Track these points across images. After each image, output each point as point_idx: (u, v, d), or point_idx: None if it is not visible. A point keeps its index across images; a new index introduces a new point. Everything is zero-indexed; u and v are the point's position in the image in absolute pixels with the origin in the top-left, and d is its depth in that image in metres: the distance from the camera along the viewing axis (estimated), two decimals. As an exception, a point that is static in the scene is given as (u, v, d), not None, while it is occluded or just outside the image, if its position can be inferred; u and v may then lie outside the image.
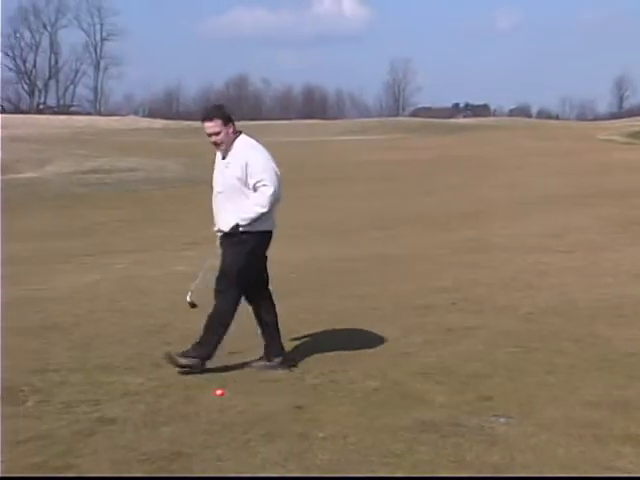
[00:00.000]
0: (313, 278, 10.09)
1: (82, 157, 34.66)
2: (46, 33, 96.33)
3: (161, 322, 7.58)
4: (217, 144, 6.17)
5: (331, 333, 7.33)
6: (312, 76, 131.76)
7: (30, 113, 78.90)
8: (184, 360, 6.11)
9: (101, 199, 23.21)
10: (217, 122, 6.12)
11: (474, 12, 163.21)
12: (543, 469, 4.47)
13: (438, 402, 5.51)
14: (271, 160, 6.19)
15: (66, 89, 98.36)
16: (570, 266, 10.77)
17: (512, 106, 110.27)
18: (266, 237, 6.29)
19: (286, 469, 4.49)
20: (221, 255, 6.27)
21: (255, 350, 6.69)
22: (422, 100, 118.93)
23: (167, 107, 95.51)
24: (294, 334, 7.26)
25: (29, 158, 34.29)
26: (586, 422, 5.12)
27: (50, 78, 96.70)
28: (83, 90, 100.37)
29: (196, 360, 6.16)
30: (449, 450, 4.70)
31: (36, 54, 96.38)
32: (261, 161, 6.13)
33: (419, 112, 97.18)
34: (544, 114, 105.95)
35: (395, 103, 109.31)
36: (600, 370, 6.21)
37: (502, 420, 5.15)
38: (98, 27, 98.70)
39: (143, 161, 33.22)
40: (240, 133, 6.25)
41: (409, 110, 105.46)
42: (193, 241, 13.12)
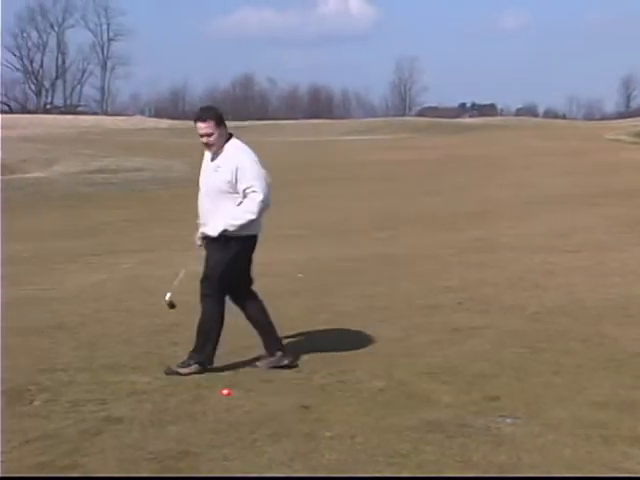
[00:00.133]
0: (318, 278, 10.09)
1: (88, 157, 34.73)
2: (53, 33, 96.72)
3: (168, 322, 7.58)
4: (209, 145, 6.15)
5: (337, 333, 7.32)
6: (318, 76, 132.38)
7: (37, 113, 79.11)
8: (185, 370, 6.13)
9: (107, 199, 23.25)
10: (210, 123, 6.10)
11: (481, 11, 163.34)
12: (550, 469, 4.47)
13: (444, 402, 5.51)
14: (261, 166, 6.18)
15: (73, 89, 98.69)
16: (577, 266, 10.75)
17: (519, 106, 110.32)
18: (251, 241, 6.30)
19: (292, 469, 4.49)
20: (205, 258, 6.27)
21: (262, 349, 6.70)
22: (428, 100, 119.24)
23: (173, 107, 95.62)
24: (299, 334, 7.27)
25: (36, 158, 34.38)
26: (593, 422, 5.11)
27: (57, 78, 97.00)
28: (90, 90, 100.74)
29: (196, 366, 6.17)
30: (455, 450, 4.70)
31: (43, 54, 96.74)
32: (252, 167, 6.11)
33: (425, 112, 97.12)
34: (551, 114, 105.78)
35: (401, 103, 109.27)
36: (607, 370, 6.20)
37: (509, 420, 5.15)
38: (105, 27, 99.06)
39: (149, 161, 33.27)
40: (231, 136, 6.23)
41: (415, 110, 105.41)
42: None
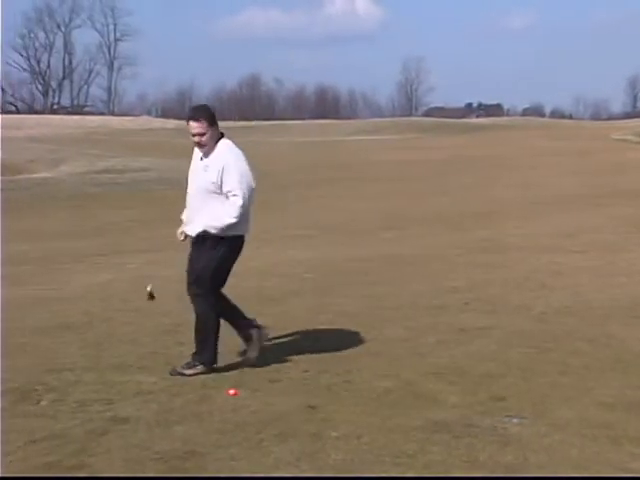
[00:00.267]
0: (325, 278, 10.08)
1: (95, 157, 34.80)
2: (60, 33, 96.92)
3: (174, 321, 7.59)
4: (201, 145, 6.15)
5: (343, 333, 7.32)
6: (325, 76, 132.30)
7: (44, 113, 79.31)
8: (190, 371, 6.14)
9: (114, 199, 23.28)
10: (203, 123, 6.09)
11: (487, 11, 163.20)
12: (557, 470, 4.46)
13: (451, 402, 5.50)
14: (248, 170, 6.17)
15: (80, 89, 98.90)
16: (584, 266, 10.73)
17: (525, 106, 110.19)
18: (239, 242, 6.31)
19: (299, 469, 4.49)
20: (192, 258, 6.28)
21: (269, 349, 6.71)
22: (435, 100, 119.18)
23: (180, 107, 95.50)
24: (305, 334, 7.28)
25: (43, 158, 34.45)
26: (600, 423, 5.10)
27: (64, 78, 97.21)
28: (97, 90, 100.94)
29: (201, 367, 6.18)
30: (462, 450, 4.69)
31: (50, 54, 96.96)
32: (236, 169, 6.09)
33: (432, 112, 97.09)
34: (558, 114, 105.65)
35: (408, 103, 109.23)
36: (614, 371, 6.18)
37: (515, 420, 5.14)
38: (112, 27, 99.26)
39: (156, 161, 33.31)
40: (222, 135, 6.23)
41: (422, 110, 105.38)
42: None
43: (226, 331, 6.56)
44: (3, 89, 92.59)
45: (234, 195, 6.05)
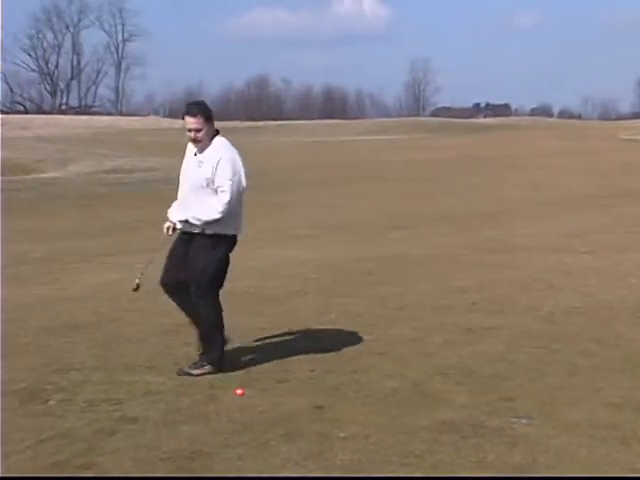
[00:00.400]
0: (330, 278, 10.07)
1: (103, 157, 34.86)
2: (68, 34, 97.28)
3: (181, 322, 7.57)
4: (197, 140, 6.12)
5: (350, 333, 7.31)
6: (332, 76, 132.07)
7: (52, 113, 79.51)
8: (197, 371, 6.14)
9: (122, 199, 23.30)
10: (200, 119, 6.08)
11: (495, 11, 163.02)
12: (565, 471, 4.45)
13: (458, 403, 5.50)
14: (241, 168, 6.16)
15: (88, 89, 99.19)
16: (592, 266, 10.70)
17: (533, 106, 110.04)
18: (233, 241, 6.33)
19: (306, 469, 4.49)
20: (177, 255, 6.24)
21: (276, 349, 6.72)
22: (442, 100, 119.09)
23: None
24: (311, 334, 7.28)
25: (51, 158, 34.53)
26: (609, 424, 5.09)
27: (72, 79, 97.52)
28: (105, 90, 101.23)
29: (209, 367, 6.18)
30: (470, 451, 4.69)
31: (59, 55, 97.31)
32: (231, 167, 6.09)
33: (439, 112, 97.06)
34: (566, 114, 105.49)
35: (415, 103, 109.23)
36: (623, 371, 6.17)
37: (523, 421, 5.13)
38: (120, 28, 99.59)
39: (164, 161, 33.32)
40: (217, 133, 6.23)
41: (429, 110, 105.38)
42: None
43: (230, 332, 6.57)
44: (12, 89, 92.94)
45: (222, 191, 6.05)
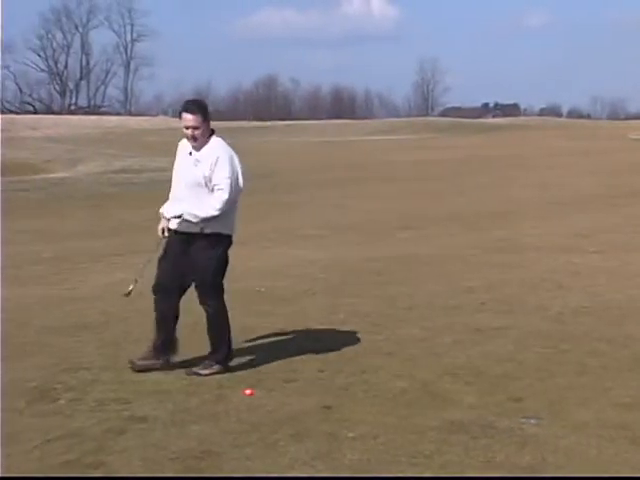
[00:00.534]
0: (338, 278, 10.07)
1: (112, 157, 34.94)
2: (78, 34, 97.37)
3: (191, 321, 7.60)
4: (194, 138, 6.10)
5: (358, 333, 7.30)
6: (341, 76, 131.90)
7: (61, 113, 79.67)
8: (206, 371, 6.15)
9: (131, 199, 23.33)
10: (198, 117, 6.07)
11: (503, 11, 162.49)
12: (575, 471, 4.44)
13: (467, 403, 5.49)
14: (239, 169, 6.14)
15: (97, 90, 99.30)
16: (601, 266, 10.68)
17: (542, 106, 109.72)
18: (230, 241, 6.30)
19: (315, 469, 4.49)
20: (175, 255, 6.21)
21: (284, 349, 6.72)
22: (451, 100, 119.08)
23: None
24: (320, 334, 7.28)
25: (61, 158, 34.64)
26: (618, 424, 5.07)
27: (81, 79, 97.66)
28: (113, 91, 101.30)
29: (217, 366, 6.20)
30: (479, 451, 4.68)
31: (68, 55, 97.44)
32: (229, 166, 6.07)
33: (448, 112, 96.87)
34: (575, 113, 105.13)
35: (424, 103, 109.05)
36: (632, 371, 6.15)
37: (532, 421, 5.12)
38: (129, 28, 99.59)
39: (173, 161, 33.36)
40: (213, 132, 6.21)
41: (438, 110, 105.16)
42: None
43: (238, 332, 6.58)
44: (21, 90, 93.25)
45: (220, 189, 6.03)
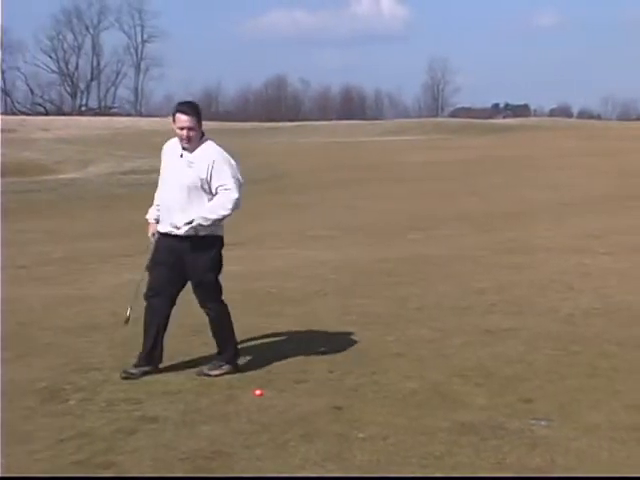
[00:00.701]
0: (349, 279, 10.07)
1: (122, 158, 35.01)
2: (88, 35, 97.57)
3: (199, 322, 7.59)
4: (189, 139, 6.06)
5: (368, 334, 7.30)
6: (350, 76, 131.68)
7: (72, 115, 79.87)
8: (216, 372, 6.16)
9: (140, 199, 23.31)
10: (193, 119, 6.05)
11: (514, 11, 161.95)
12: (586, 473, 4.42)
13: (477, 404, 5.48)
14: (236, 168, 6.13)
15: (107, 91, 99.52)
16: (612, 268, 10.64)
17: (553, 106, 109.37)
18: (222, 241, 6.28)
19: (325, 469, 4.49)
20: (163, 260, 6.15)
21: (294, 349, 6.72)
22: (461, 100, 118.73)
23: (206, 108, 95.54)
24: (330, 335, 7.28)
25: (71, 159, 34.73)
26: (630, 426, 5.05)
27: (92, 80, 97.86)
28: (124, 91, 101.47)
29: (227, 366, 6.21)
30: (489, 453, 4.67)
31: (78, 56, 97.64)
32: (230, 167, 6.06)
33: (458, 112, 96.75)
34: (585, 114, 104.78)
35: (434, 103, 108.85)
36: (643, 373, 6.13)
37: (543, 423, 5.11)
38: (139, 29, 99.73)
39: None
40: (203, 135, 6.18)
41: (448, 110, 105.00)
42: (235, 241, 13.12)
43: (249, 333, 6.58)
44: (32, 91, 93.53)
45: (228, 189, 6.01)
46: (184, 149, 6.12)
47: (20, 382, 6.00)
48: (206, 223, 6.06)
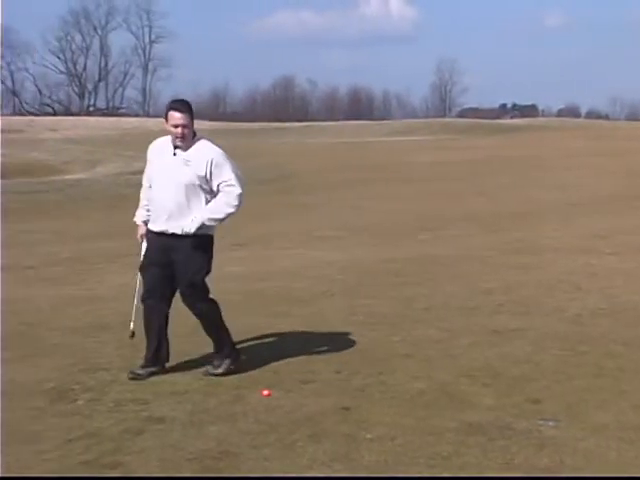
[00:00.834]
0: (356, 279, 10.07)
1: (130, 158, 35.03)
2: (96, 36, 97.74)
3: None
4: (183, 137, 6.02)
5: (375, 334, 7.31)
6: (358, 77, 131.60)
7: (80, 115, 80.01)
8: (220, 370, 6.17)
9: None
10: (187, 116, 6.03)
11: (521, 12, 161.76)
12: (594, 473, 4.42)
13: (485, 404, 5.48)
14: (235, 164, 6.12)
15: (115, 91, 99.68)
16: (619, 268, 10.63)
17: (560, 106, 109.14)
18: (212, 241, 6.26)
19: (332, 469, 4.50)
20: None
21: (301, 350, 6.72)
22: (469, 101, 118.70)
23: (214, 108, 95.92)
24: (337, 335, 7.27)
25: (79, 159, 34.80)
26: (638, 426, 5.05)
27: (100, 80, 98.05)
28: (132, 92, 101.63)
29: (229, 360, 6.21)
30: (497, 453, 4.67)
31: (86, 57, 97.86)
32: (227, 163, 6.05)
33: (466, 113, 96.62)
34: (593, 114, 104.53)
35: (442, 104, 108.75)
36: (651, 373, 6.11)
37: (550, 423, 5.10)
38: (147, 30, 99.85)
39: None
40: (196, 134, 6.14)
41: (456, 111, 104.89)
42: (241, 242, 13.16)
43: (256, 333, 6.58)
44: (40, 91, 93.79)
45: (231, 185, 5.99)
46: (177, 147, 6.08)
47: (28, 382, 6.02)
48: (212, 223, 6.08)
